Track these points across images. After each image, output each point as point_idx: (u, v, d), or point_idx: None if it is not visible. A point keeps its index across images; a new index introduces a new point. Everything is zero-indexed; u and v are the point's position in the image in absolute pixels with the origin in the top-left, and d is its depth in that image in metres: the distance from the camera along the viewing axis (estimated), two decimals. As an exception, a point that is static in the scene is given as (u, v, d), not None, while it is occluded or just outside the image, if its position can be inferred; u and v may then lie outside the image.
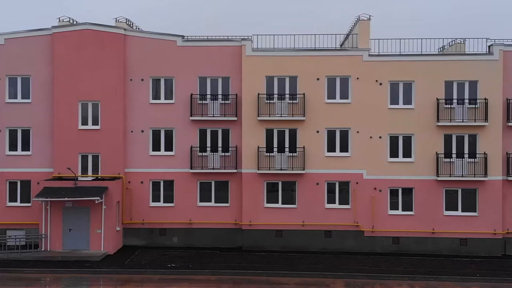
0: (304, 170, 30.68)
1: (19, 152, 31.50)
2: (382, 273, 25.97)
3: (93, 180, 29.95)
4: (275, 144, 31.12)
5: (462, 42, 33.51)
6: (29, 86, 31.44)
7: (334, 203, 30.98)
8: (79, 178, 29.92)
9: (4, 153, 31.39)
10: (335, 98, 30.99)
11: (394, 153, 30.82)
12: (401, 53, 30.92)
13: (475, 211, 30.50)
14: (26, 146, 31.54)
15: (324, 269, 26.51)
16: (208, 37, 31.93)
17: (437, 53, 32.69)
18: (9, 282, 24.39)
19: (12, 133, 31.55)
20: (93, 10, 66.48)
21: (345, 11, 65.58)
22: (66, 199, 27.92)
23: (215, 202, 31.62)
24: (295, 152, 30.94)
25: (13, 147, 31.56)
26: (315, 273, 25.75)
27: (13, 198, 31.56)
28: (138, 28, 34.91)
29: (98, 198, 27.96)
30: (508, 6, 62.69)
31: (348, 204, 30.86)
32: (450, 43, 33.85)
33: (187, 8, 67.38)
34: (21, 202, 31.44)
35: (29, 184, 31.34)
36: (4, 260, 27.42)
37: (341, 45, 35.66)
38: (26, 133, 31.53)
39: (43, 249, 28.69)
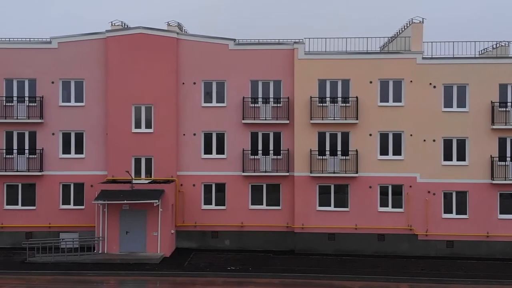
0: (357, 173, 30.62)
1: (73, 155, 31.71)
2: (443, 277, 25.92)
3: (148, 183, 30.08)
4: (328, 147, 31.10)
5: (506, 45, 33.41)
6: (83, 90, 31.67)
7: (387, 206, 30.87)
8: (133, 181, 30.07)
9: (57, 156, 31.61)
10: (388, 101, 30.93)
11: (448, 157, 30.69)
12: (455, 56, 30.84)
13: (531, 215, 30.39)
14: (79, 149, 31.74)
15: (384, 272, 26.48)
16: (260, 41, 32.06)
17: (491, 56, 32.48)
18: (76, 285, 24.48)
19: (66, 136, 31.76)
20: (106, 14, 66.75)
21: (344, 11, 65.89)
22: (125, 202, 28.09)
23: (267, 205, 31.64)
24: (348, 155, 30.90)
25: (66, 150, 31.76)
26: (378, 277, 25.73)
27: (66, 201, 31.78)
28: (186, 31, 35.08)
29: (156, 201, 28.11)
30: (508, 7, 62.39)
31: (402, 207, 30.76)
32: (494, 46, 33.70)
33: (188, 10, 67.46)
34: (74, 205, 31.67)
35: (83, 187, 31.58)
36: (63, 263, 27.62)
37: (381, 48, 35.70)
38: (79, 136, 31.74)
39: (100, 252, 28.87)
